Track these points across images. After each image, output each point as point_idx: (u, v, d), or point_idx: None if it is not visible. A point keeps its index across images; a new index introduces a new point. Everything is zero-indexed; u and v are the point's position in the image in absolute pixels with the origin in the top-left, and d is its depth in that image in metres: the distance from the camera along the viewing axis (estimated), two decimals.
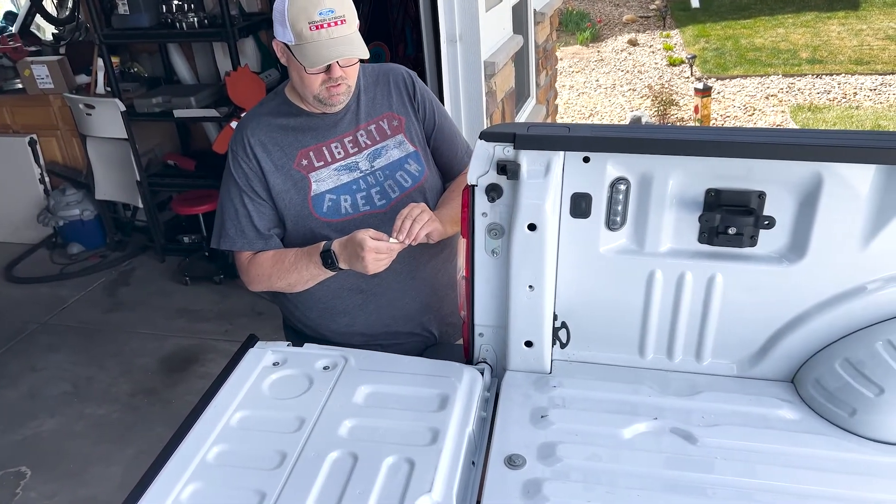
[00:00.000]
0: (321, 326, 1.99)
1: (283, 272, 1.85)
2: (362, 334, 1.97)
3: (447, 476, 1.35)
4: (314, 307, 1.96)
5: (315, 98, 1.78)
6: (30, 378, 3.84)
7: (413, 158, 1.91)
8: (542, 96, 5.77)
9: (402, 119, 1.92)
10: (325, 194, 1.85)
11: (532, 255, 1.56)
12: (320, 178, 1.85)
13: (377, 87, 1.93)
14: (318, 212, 1.85)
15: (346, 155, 1.87)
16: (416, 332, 2.02)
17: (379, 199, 1.88)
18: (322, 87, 1.75)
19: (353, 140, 1.88)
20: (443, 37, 3.53)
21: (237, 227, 1.87)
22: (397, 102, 1.93)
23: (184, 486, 1.35)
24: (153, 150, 5.01)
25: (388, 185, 1.89)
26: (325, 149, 1.86)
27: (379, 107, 1.91)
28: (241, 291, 4.47)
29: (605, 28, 10.81)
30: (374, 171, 1.88)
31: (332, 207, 1.85)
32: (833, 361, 1.52)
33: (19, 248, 5.22)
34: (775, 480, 1.34)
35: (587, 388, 1.62)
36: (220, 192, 1.91)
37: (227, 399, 1.58)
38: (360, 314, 1.95)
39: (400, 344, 1.98)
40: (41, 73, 4.85)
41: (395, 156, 1.90)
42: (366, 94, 1.91)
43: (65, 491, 3.05)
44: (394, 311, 1.96)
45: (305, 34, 1.68)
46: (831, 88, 7.66)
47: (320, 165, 1.85)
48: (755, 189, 1.48)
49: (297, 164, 1.85)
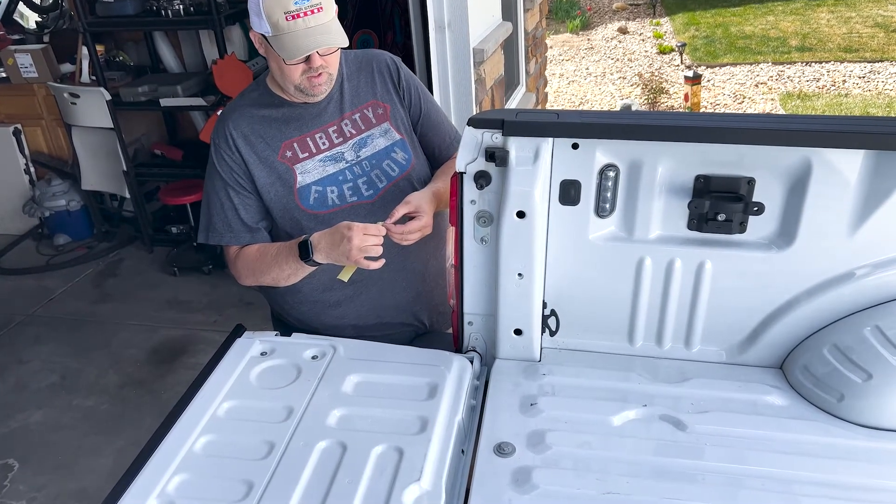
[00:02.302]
0: (312, 320, 1.97)
1: (266, 266, 1.83)
2: (354, 326, 1.95)
3: (436, 464, 1.34)
4: (305, 301, 1.95)
5: (296, 88, 1.75)
6: (17, 370, 3.81)
7: (399, 147, 1.89)
8: (531, 84, 5.75)
9: (387, 106, 1.89)
10: (310, 186, 1.83)
11: (521, 243, 1.55)
12: (305, 170, 1.83)
13: (360, 74, 1.90)
14: (304, 204, 1.82)
15: (331, 145, 1.84)
16: (408, 322, 2.01)
17: (366, 189, 1.85)
18: (303, 77, 1.72)
19: (337, 130, 1.85)
20: (431, 24, 3.50)
21: (224, 221, 1.85)
22: (381, 89, 1.90)
23: (171, 476, 1.35)
24: (140, 139, 4.97)
25: (374, 175, 1.86)
26: (310, 140, 1.83)
27: (363, 95, 1.88)
28: (230, 282, 4.41)
29: (595, 16, 10.78)
30: (360, 161, 1.85)
31: (319, 199, 1.83)
32: (821, 347, 1.53)
33: (5, 239, 5.17)
34: (764, 466, 1.34)
35: (577, 375, 1.62)
36: (205, 185, 1.88)
37: (214, 389, 1.57)
38: (352, 306, 1.94)
39: (391, 334, 1.97)
40: (25, 62, 4.78)
41: (382, 144, 1.87)
42: (349, 82, 1.88)
43: (53, 483, 3.03)
44: (385, 302, 1.95)
45: (282, 24, 1.65)
46: (821, 76, 7.67)
47: (305, 157, 1.83)
48: (744, 175, 1.48)
49: (282, 156, 1.82)
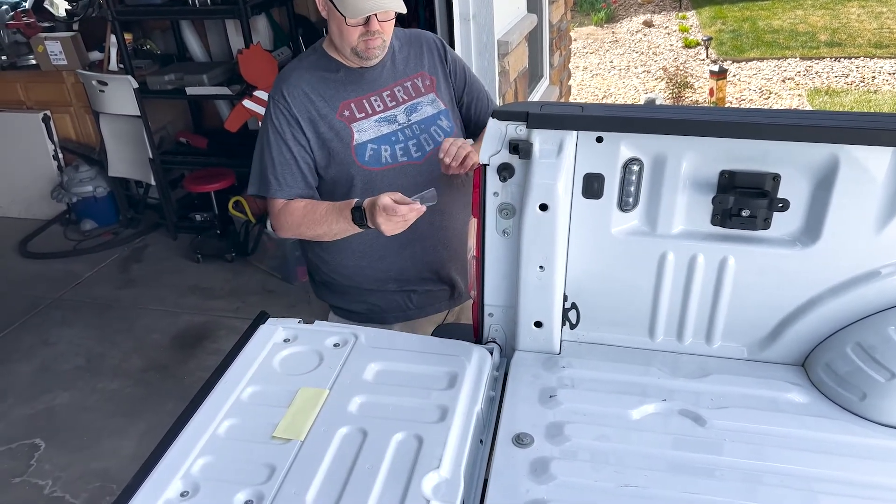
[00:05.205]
0: (356, 274, 2.06)
1: (313, 223, 1.92)
2: (396, 280, 2.06)
3: (455, 453, 1.35)
4: (350, 255, 2.04)
5: (353, 51, 1.88)
6: (43, 352, 3.89)
7: (444, 116, 2.04)
8: (555, 77, 5.72)
9: (433, 79, 2.05)
10: (367, 144, 1.95)
11: (543, 236, 1.55)
12: (362, 129, 1.95)
13: (411, 47, 2.05)
14: (360, 160, 1.94)
15: (385, 108, 1.98)
16: (445, 281, 2.11)
17: (415, 150, 1.99)
18: (360, 39, 1.84)
19: (390, 94, 1.99)
20: (456, 15, 3.50)
21: (275, 175, 1.93)
22: (429, 63, 2.06)
23: (195, 458, 1.37)
24: (165, 127, 5.02)
25: (423, 139, 2.00)
26: (366, 101, 1.97)
27: (413, 66, 2.04)
28: (252, 269, 4.49)
29: (620, 9, 10.69)
30: (410, 125, 2.00)
31: (374, 156, 1.95)
32: (844, 346, 1.52)
33: (33, 223, 5.26)
34: (783, 463, 1.34)
35: (596, 368, 1.63)
36: (259, 139, 1.97)
37: (238, 374, 1.59)
38: (397, 260, 2.03)
39: (430, 291, 2.09)
40: (54, 50, 4.85)
41: (429, 112, 2.02)
42: (400, 54, 2.03)
43: (77, 463, 3.10)
44: (427, 258, 2.06)
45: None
46: (849, 72, 7.56)
47: (361, 117, 1.95)
48: (770, 171, 1.47)
49: (340, 115, 1.94)
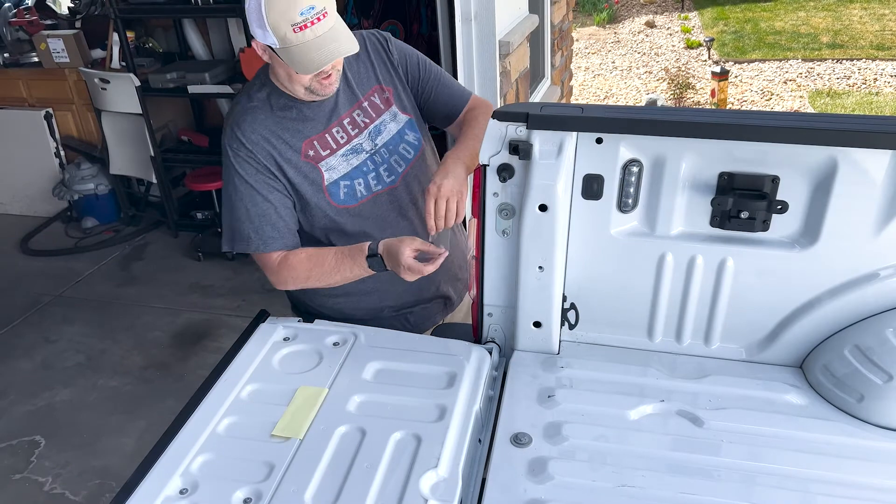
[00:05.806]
0: (347, 307, 1.97)
1: (324, 275, 1.81)
2: (391, 307, 1.99)
3: (453, 452, 1.36)
4: (341, 290, 1.91)
5: (307, 90, 1.73)
6: (44, 349, 3.90)
7: (409, 127, 1.92)
8: (556, 77, 5.72)
9: (390, 89, 1.90)
10: (339, 182, 1.84)
11: (542, 236, 1.56)
12: (331, 167, 1.82)
13: (358, 61, 1.87)
14: (335, 200, 1.83)
15: (348, 138, 1.85)
16: (441, 296, 2.06)
17: (388, 175, 1.89)
18: (313, 80, 1.70)
19: (351, 121, 1.85)
20: (458, 15, 3.50)
21: (254, 230, 1.80)
22: (382, 71, 1.89)
23: (195, 456, 1.38)
24: (167, 125, 5.03)
25: (393, 161, 1.89)
26: (328, 136, 1.83)
27: (366, 81, 1.88)
28: (253, 268, 4.47)
29: (622, 9, 10.69)
30: (378, 150, 1.87)
31: (348, 193, 1.85)
32: (842, 347, 1.52)
33: (35, 220, 5.27)
34: (781, 464, 1.34)
35: (595, 369, 1.63)
36: (225, 192, 1.82)
37: (237, 372, 1.60)
38: (391, 289, 1.94)
39: (426, 307, 2.03)
40: (57, 47, 4.86)
41: (394, 130, 1.90)
42: (350, 70, 1.86)
43: (77, 460, 3.10)
44: (422, 281, 1.88)
45: (290, 37, 1.60)
46: (851, 74, 7.55)
47: (327, 154, 1.82)
48: (769, 173, 1.47)
49: (305, 156, 1.80)
